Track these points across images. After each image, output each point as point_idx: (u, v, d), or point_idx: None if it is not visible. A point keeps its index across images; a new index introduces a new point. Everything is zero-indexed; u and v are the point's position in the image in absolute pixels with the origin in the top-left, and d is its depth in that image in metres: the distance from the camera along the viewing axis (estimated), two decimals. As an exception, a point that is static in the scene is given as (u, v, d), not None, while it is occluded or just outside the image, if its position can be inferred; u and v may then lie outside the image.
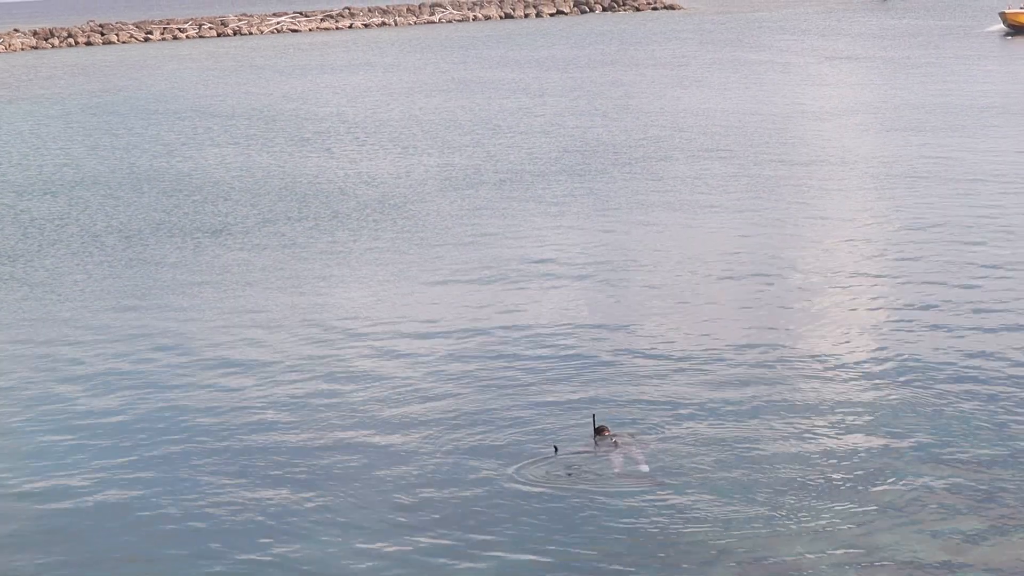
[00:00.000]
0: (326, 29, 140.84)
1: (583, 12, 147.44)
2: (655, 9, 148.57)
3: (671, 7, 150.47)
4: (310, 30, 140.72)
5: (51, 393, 21.49)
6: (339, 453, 18.01)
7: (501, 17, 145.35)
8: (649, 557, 14.55)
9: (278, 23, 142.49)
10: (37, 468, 18.19)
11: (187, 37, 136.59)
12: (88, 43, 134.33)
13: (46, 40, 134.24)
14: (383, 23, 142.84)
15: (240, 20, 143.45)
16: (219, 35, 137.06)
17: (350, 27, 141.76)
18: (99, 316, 26.08)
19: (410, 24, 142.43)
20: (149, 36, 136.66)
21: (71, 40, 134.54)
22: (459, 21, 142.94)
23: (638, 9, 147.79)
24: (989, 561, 14.09)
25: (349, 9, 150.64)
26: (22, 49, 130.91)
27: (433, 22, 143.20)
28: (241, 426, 19.31)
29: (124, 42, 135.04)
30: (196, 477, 17.50)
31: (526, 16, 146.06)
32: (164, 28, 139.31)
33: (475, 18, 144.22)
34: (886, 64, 73.67)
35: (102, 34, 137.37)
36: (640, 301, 25.19)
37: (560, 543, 14.98)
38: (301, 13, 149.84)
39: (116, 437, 19.19)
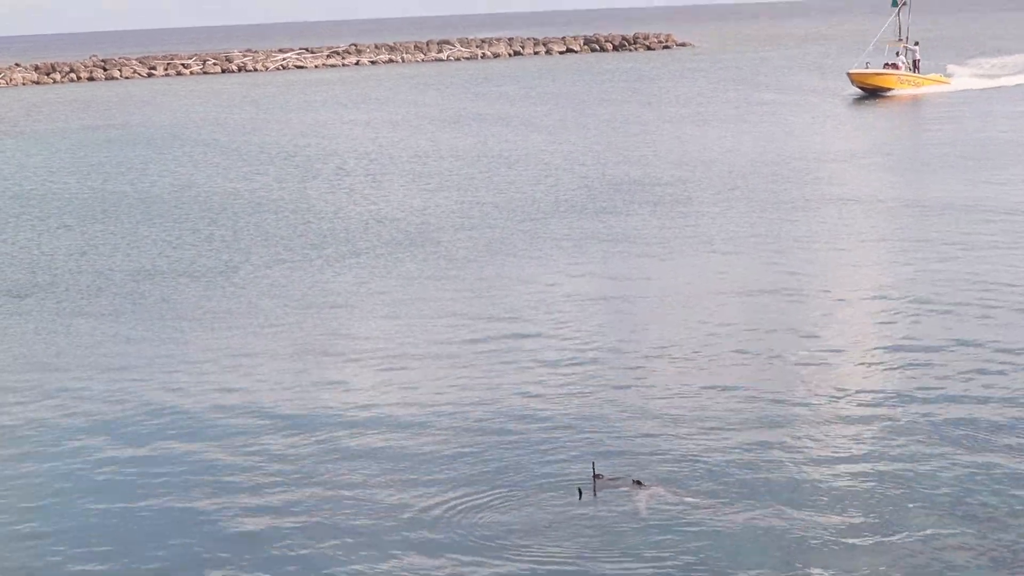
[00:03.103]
0: (332, 66, 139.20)
1: (594, 51, 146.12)
2: (666, 47, 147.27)
3: (683, 45, 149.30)
4: (316, 66, 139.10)
5: (61, 418, 21.57)
6: (350, 482, 17.91)
7: (510, 55, 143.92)
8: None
9: (284, 59, 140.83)
10: (46, 494, 18.17)
11: (191, 73, 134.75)
12: (91, 78, 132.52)
13: (48, 75, 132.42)
14: (390, 60, 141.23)
15: (245, 56, 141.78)
16: (223, 71, 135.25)
17: (356, 64, 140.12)
18: (112, 347, 25.88)
19: (417, 61, 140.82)
20: (152, 71, 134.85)
21: (73, 75, 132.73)
22: (467, 59, 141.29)
23: (649, 47, 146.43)
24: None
25: (356, 45, 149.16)
26: (23, 84, 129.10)
27: (441, 59, 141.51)
28: (251, 454, 19.26)
29: (127, 77, 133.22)
30: (202, 498, 17.66)
31: (535, 54, 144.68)
32: (168, 63, 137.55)
33: (484, 56, 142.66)
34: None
35: (104, 69, 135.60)
36: (653, 339, 24.88)
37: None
38: (307, 49, 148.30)
39: (125, 465, 19.16)
